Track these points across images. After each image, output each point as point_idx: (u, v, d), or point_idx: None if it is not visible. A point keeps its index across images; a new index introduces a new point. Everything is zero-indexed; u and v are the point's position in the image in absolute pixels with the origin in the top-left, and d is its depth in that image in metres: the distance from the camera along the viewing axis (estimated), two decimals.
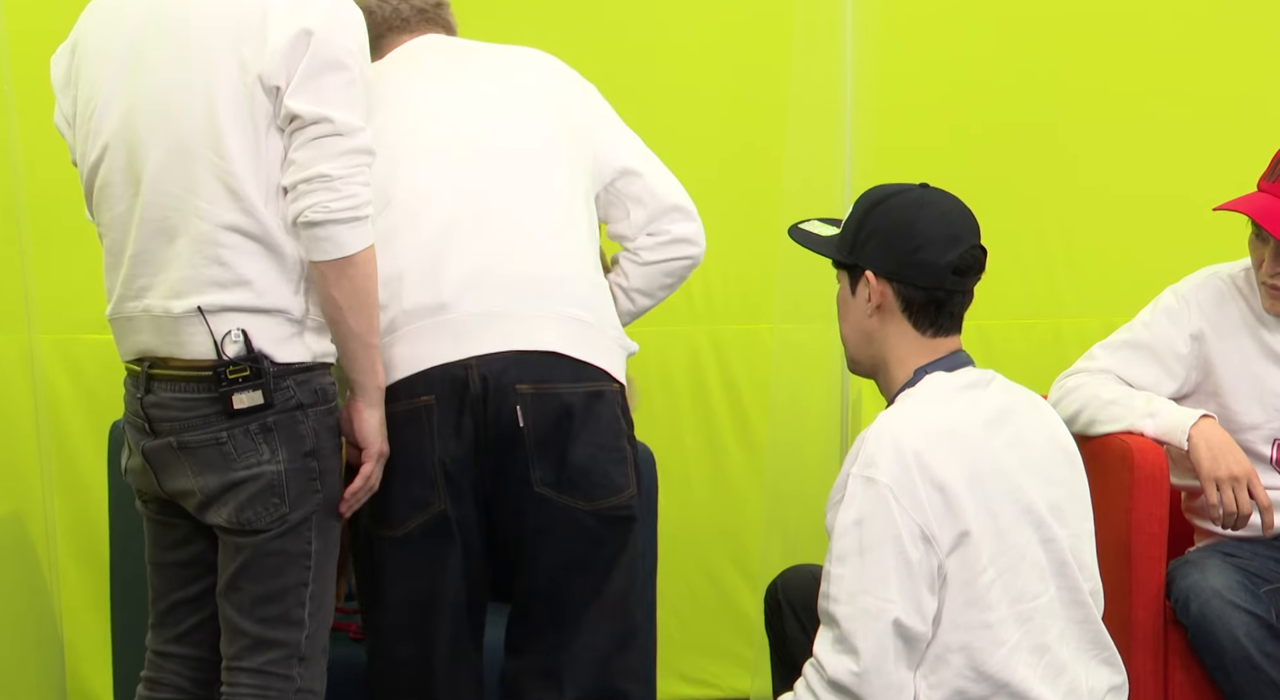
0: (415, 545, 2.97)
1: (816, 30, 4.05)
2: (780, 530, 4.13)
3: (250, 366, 2.76)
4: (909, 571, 2.68)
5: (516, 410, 2.96)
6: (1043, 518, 2.79)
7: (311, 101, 2.74)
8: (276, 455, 2.79)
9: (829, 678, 2.69)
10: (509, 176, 3.09)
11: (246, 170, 2.75)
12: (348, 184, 2.74)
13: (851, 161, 4.06)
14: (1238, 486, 3.40)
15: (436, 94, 3.17)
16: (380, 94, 3.05)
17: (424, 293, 2.97)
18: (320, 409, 2.83)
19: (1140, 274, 4.16)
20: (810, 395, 4.18)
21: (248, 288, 2.77)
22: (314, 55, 2.74)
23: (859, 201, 2.91)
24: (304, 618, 2.85)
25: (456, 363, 2.95)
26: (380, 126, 2.97)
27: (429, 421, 2.94)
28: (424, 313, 2.96)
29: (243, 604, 2.84)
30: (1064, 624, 2.82)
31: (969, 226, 2.85)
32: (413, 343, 2.96)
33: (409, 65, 3.24)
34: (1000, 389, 2.87)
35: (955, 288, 2.82)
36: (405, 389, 2.95)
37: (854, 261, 2.87)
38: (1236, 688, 3.36)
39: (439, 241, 3.00)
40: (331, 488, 2.86)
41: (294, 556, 2.83)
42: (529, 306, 3.00)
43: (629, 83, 4.29)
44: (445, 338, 2.96)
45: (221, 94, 2.75)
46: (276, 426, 2.79)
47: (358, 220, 2.74)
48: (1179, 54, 4.55)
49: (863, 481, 2.72)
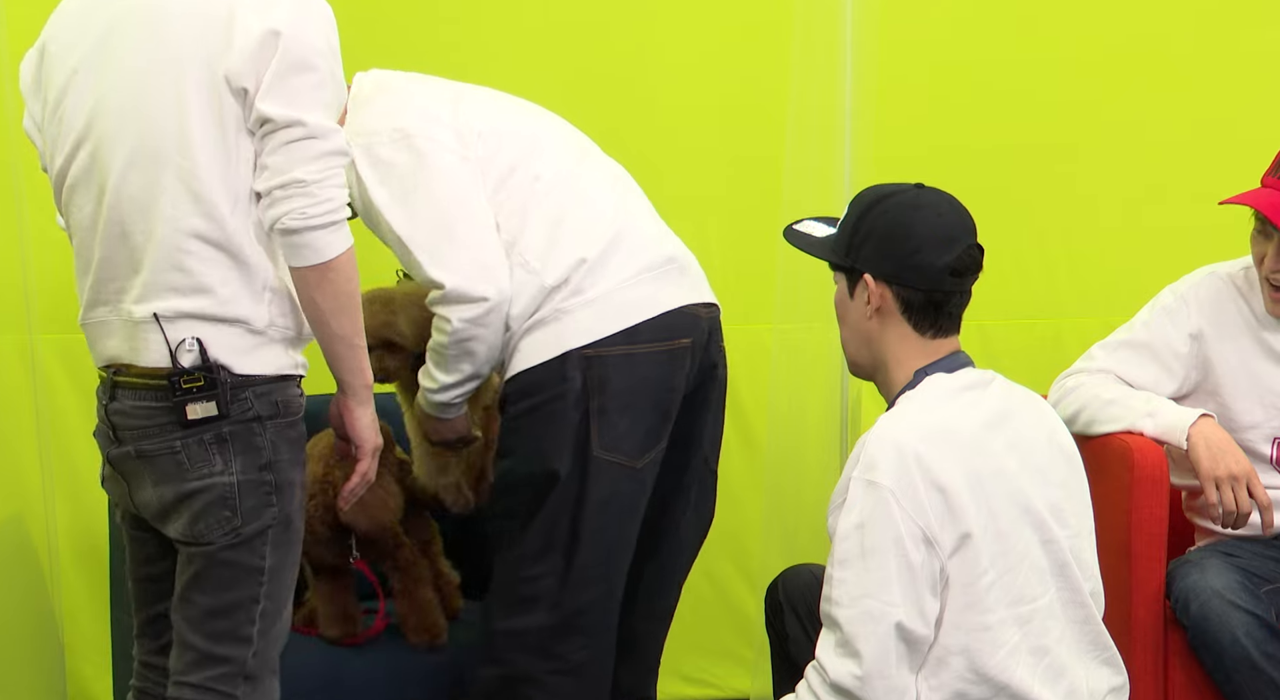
0: (645, 479, 3.14)
1: (816, 39, 4.05)
2: (780, 530, 4.13)
3: (205, 377, 2.71)
4: (911, 574, 2.67)
5: (717, 367, 3.29)
6: (1043, 519, 2.79)
7: (283, 104, 2.68)
8: (230, 466, 2.74)
9: (831, 681, 2.69)
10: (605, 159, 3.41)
11: (214, 175, 2.70)
12: (323, 188, 2.69)
13: (851, 162, 4.06)
14: (1237, 486, 3.40)
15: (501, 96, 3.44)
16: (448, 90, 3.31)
17: (650, 248, 3.22)
18: (280, 422, 2.78)
19: (1140, 274, 4.15)
20: (810, 396, 4.18)
21: (208, 295, 2.72)
22: (283, 56, 2.69)
23: (854, 202, 2.90)
24: (252, 635, 2.78)
25: (699, 309, 3.22)
26: (478, 114, 3.25)
27: (683, 361, 3.17)
28: (658, 263, 3.21)
29: (191, 616, 2.79)
30: (1064, 625, 2.82)
31: (965, 226, 2.84)
32: (656, 286, 3.18)
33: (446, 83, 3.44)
34: (1000, 390, 2.87)
35: (953, 288, 2.82)
36: (659, 328, 3.15)
37: (851, 264, 2.86)
38: (1236, 688, 3.36)
39: (624, 206, 3.26)
40: (289, 502, 2.80)
41: (246, 570, 2.77)
42: (699, 268, 3.34)
43: (631, 91, 4.31)
44: (683, 283, 3.22)
45: (189, 96, 2.70)
46: (232, 437, 2.74)
47: (335, 224, 2.70)
48: (1178, 55, 4.55)
49: (864, 485, 2.71)
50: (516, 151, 3.21)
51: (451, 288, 3.09)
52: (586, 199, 3.21)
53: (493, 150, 3.20)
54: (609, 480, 3.13)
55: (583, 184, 3.23)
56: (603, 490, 3.13)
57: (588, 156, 3.33)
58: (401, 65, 3.76)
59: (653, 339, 3.15)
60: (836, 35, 4.03)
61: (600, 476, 3.12)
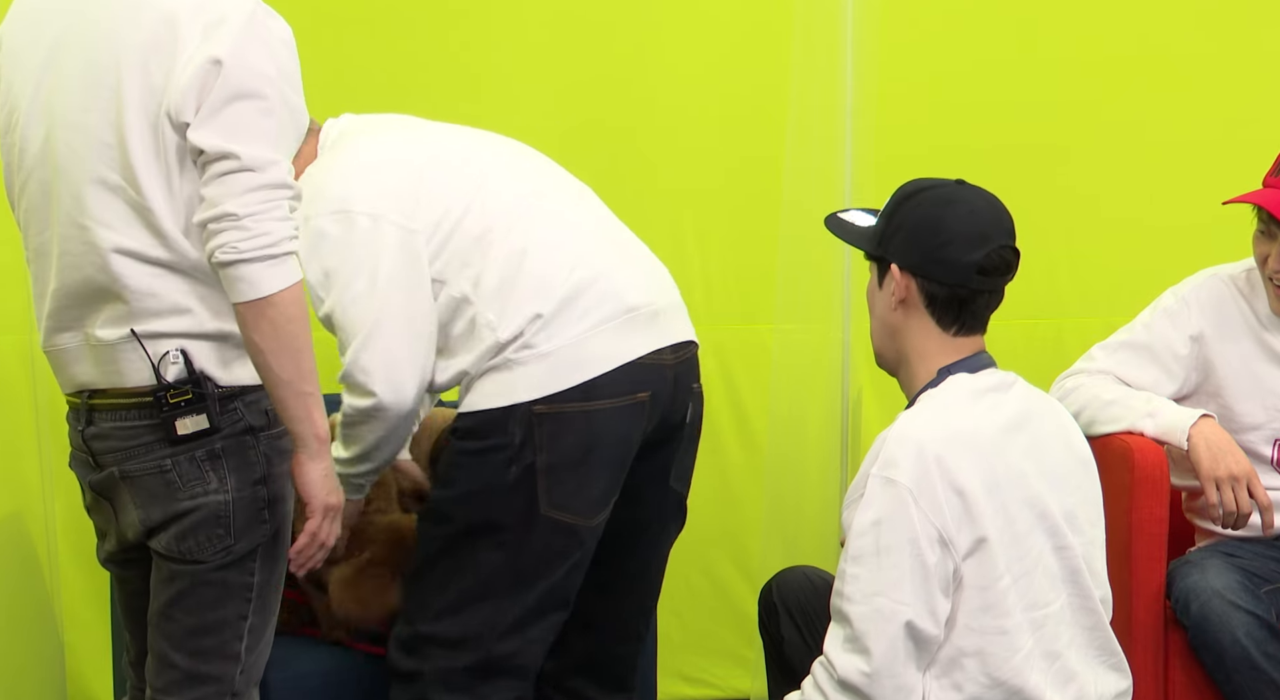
0: (597, 533, 3.05)
1: (816, 39, 4.05)
2: (780, 531, 4.13)
3: (192, 389, 2.61)
4: (924, 574, 2.67)
5: (688, 409, 3.17)
6: (1057, 525, 2.78)
7: (216, 135, 2.55)
8: (225, 483, 2.64)
9: (839, 677, 2.68)
10: (584, 192, 3.26)
11: (162, 206, 2.60)
12: (259, 221, 2.54)
13: (852, 162, 4.06)
14: (1237, 486, 3.40)
15: (476, 135, 3.28)
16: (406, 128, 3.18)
17: (611, 299, 3.04)
18: (272, 432, 2.68)
19: (1141, 275, 4.15)
20: (810, 396, 4.18)
21: (186, 315, 2.63)
22: (223, 85, 2.56)
23: (894, 194, 2.89)
24: (240, 652, 2.69)
25: (658, 357, 3.08)
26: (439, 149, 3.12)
27: (641, 414, 3.05)
28: (618, 313, 3.05)
29: (175, 634, 2.68)
30: (1074, 631, 2.82)
31: (1001, 225, 2.83)
32: (616, 337, 3.04)
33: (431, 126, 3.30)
34: (1021, 393, 2.86)
35: (980, 287, 2.81)
36: (617, 382, 3.02)
37: (881, 254, 2.85)
38: (1237, 688, 3.36)
39: (588, 249, 3.09)
40: (281, 517, 2.71)
41: (234, 588, 2.67)
42: (678, 299, 3.21)
43: (632, 92, 4.31)
44: (651, 329, 3.08)
45: (131, 125, 2.59)
46: (225, 452, 2.64)
47: (274, 258, 2.55)
48: (1179, 55, 4.54)
49: (882, 482, 2.70)
50: (464, 202, 3.04)
51: (346, 372, 2.96)
52: (544, 247, 3.04)
53: (439, 209, 3.03)
54: (557, 536, 3.01)
55: (539, 230, 3.06)
56: (548, 546, 3.01)
57: (544, 196, 3.14)
58: (404, 68, 3.79)
59: (611, 394, 3.01)
60: (837, 36, 4.03)
61: (546, 533, 3.00)
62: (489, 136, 3.28)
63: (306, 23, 4.00)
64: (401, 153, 3.10)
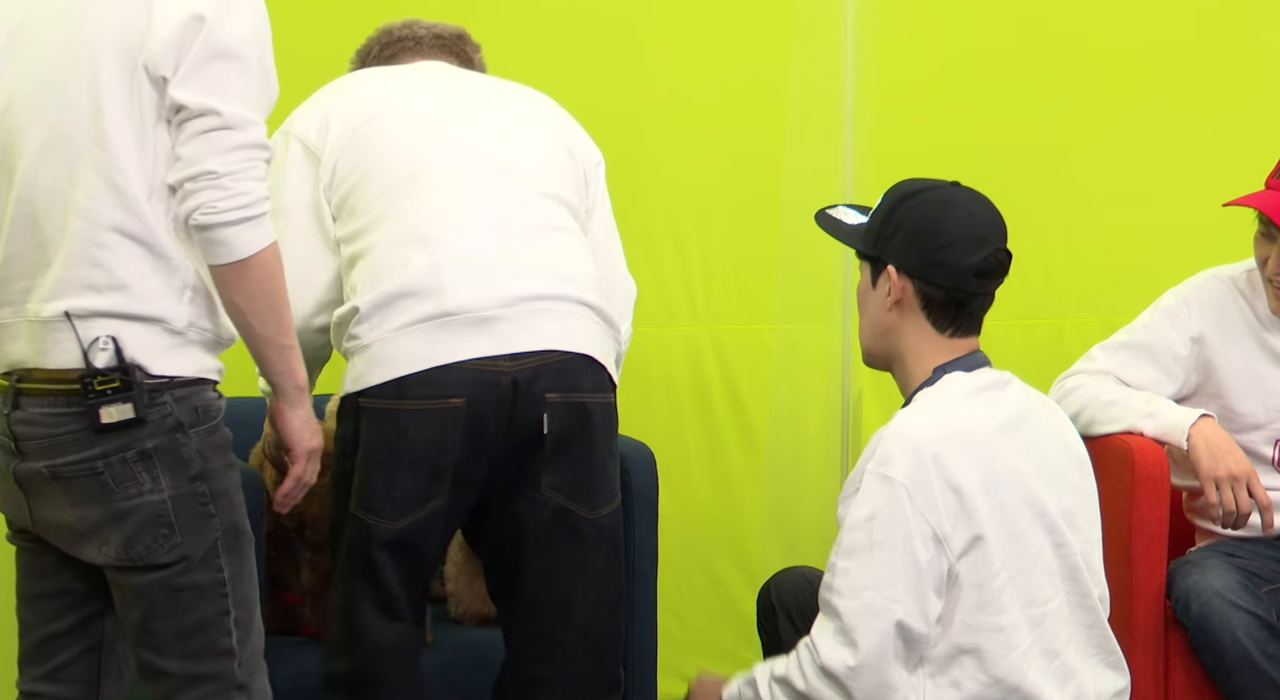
0: (412, 538, 2.96)
1: (817, 38, 4.05)
2: (780, 530, 4.14)
3: (120, 377, 2.54)
4: (917, 572, 2.67)
5: (543, 418, 2.99)
6: (1055, 523, 2.79)
7: (199, 92, 2.53)
8: (159, 483, 2.57)
9: (821, 663, 2.68)
10: (524, 189, 3.12)
11: (130, 165, 2.56)
12: (238, 181, 2.54)
13: (853, 162, 4.06)
14: (1237, 486, 3.40)
15: (442, 110, 3.18)
16: (375, 103, 3.11)
17: (434, 299, 2.96)
18: (203, 428, 2.61)
19: (1141, 275, 4.15)
20: (810, 396, 4.18)
21: (124, 292, 2.56)
22: (205, 42, 2.54)
23: (888, 193, 2.88)
24: (232, 646, 2.64)
25: (490, 363, 2.95)
26: (378, 131, 3.04)
27: (455, 423, 2.94)
28: (436, 314, 2.96)
29: (160, 645, 2.62)
30: (1073, 628, 2.82)
31: (996, 228, 2.83)
32: (431, 338, 2.95)
33: (406, 79, 3.25)
34: (1017, 392, 2.86)
35: (977, 290, 2.81)
36: (426, 384, 2.93)
37: (877, 254, 2.85)
38: (1237, 688, 3.36)
39: (469, 243, 3.01)
40: (229, 509, 2.65)
41: (207, 588, 2.62)
42: (562, 303, 3.03)
43: (632, 90, 4.31)
44: (481, 335, 2.96)
45: (106, 81, 2.55)
46: (156, 452, 2.57)
47: (251, 219, 2.55)
48: (1179, 55, 4.54)
49: (878, 478, 2.71)
50: (368, 164, 3.06)
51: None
52: (396, 237, 3.01)
53: (346, 170, 3.06)
54: (359, 535, 2.97)
55: (405, 216, 3.02)
56: (352, 544, 2.98)
57: (444, 173, 3.08)
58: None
59: (419, 396, 2.94)
60: (837, 35, 4.03)
61: (353, 531, 2.98)
62: (457, 90, 3.24)
63: (309, 10, 4.05)
64: (359, 91, 3.17)
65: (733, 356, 4.43)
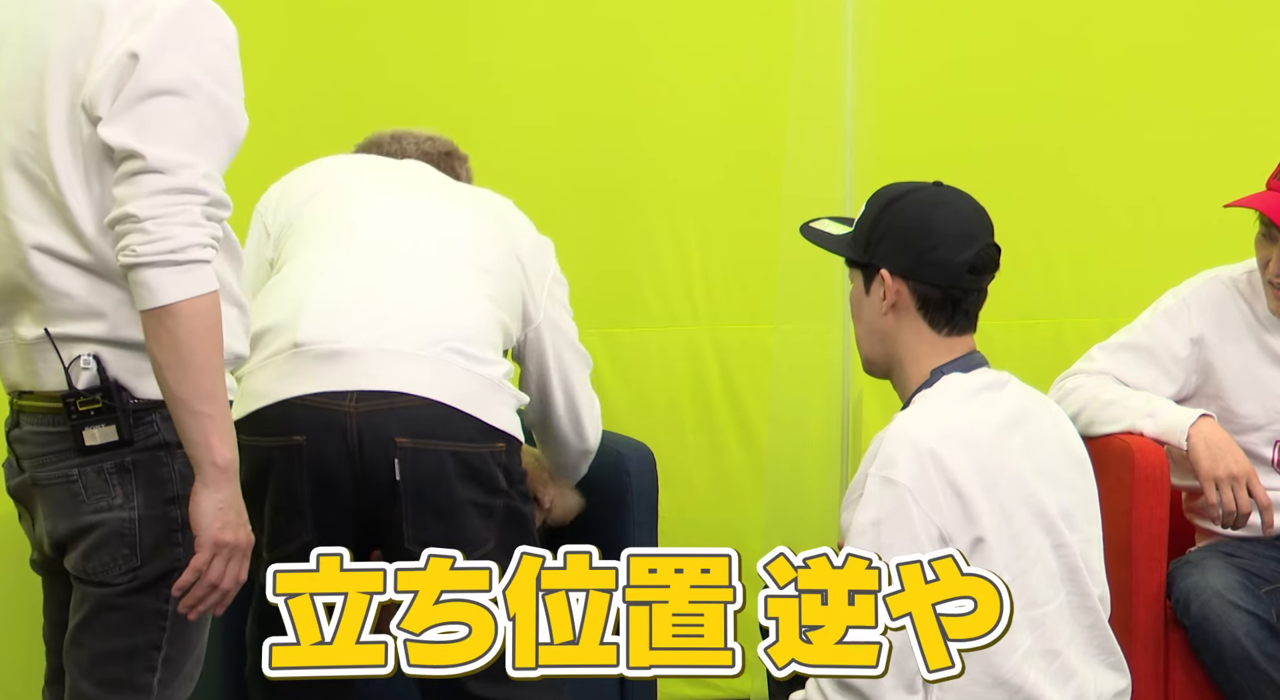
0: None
1: (817, 37, 4.05)
2: (780, 530, 4.13)
3: (102, 399, 2.45)
4: None
5: (394, 464, 2.92)
6: (1054, 523, 2.79)
7: (126, 132, 2.41)
8: (131, 500, 2.48)
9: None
10: (441, 253, 3.12)
11: (79, 203, 2.46)
12: (161, 225, 2.38)
13: (853, 162, 4.06)
14: (1237, 485, 3.40)
15: (386, 185, 3.23)
16: (320, 179, 3.18)
17: (287, 333, 2.94)
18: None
19: (1142, 275, 4.15)
20: (811, 396, 4.17)
21: (101, 319, 2.48)
22: (138, 81, 2.41)
23: (872, 199, 2.89)
24: (151, 684, 2.51)
25: (336, 402, 2.90)
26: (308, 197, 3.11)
27: (299, 462, 2.91)
28: (285, 348, 2.94)
29: (83, 661, 2.52)
30: (1073, 629, 2.82)
31: (984, 225, 2.84)
32: (278, 374, 2.92)
33: (369, 162, 3.30)
34: (1015, 392, 2.86)
35: (971, 286, 2.82)
36: (271, 421, 2.90)
37: (868, 260, 2.85)
38: (1237, 688, 3.36)
39: (342, 282, 3.01)
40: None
41: (145, 614, 2.49)
42: (430, 349, 2.97)
43: (632, 89, 4.30)
44: (328, 371, 2.92)
45: (52, 116, 2.46)
46: (135, 467, 2.48)
47: (176, 266, 2.39)
48: (1180, 55, 4.54)
49: (881, 482, 2.70)
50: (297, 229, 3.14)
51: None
52: (278, 286, 3.04)
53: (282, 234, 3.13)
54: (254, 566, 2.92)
55: (294, 269, 3.06)
56: (252, 577, 2.88)
57: (323, 238, 3.10)
58: (405, 61, 3.78)
59: (269, 432, 2.91)
60: (838, 34, 4.02)
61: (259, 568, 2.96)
62: (413, 177, 3.28)
63: (309, 12, 4.05)
64: (317, 170, 3.25)
65: (733, 356, 4.43)
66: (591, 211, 4.31)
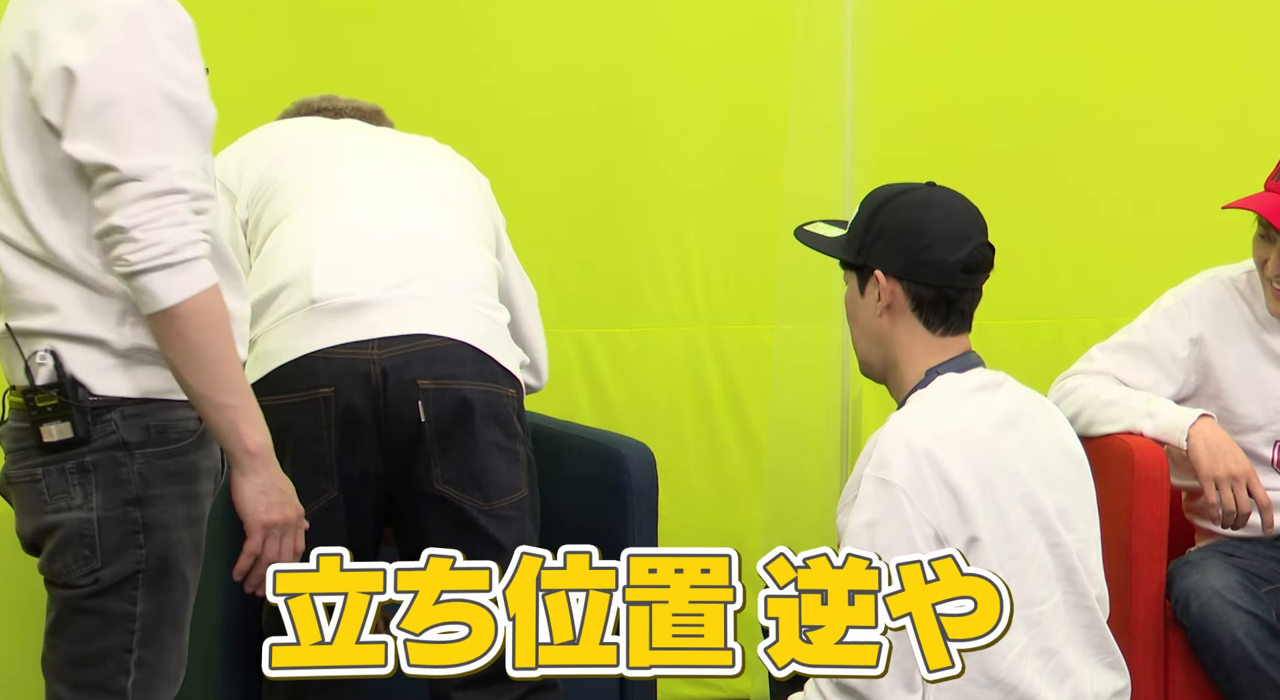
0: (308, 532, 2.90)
1: (817, 37, 4.05)
2: (780, 530, 4.13)
3: (58, 395, 2.42)
4: None
5: (418, 406, 2.94)
6: (1051, 522, 2.79)
7: (94, 147, 2.39)
8: (90, 500, 2.44)
9: (839, 678, 2.68)
10: (424, 199, 3.15)
11: (27, 198, 2.43)
12: (149, 231, 2.37)
13: (853, 162, 4.06)
14: (1237, 485, 3.40)
15: (349, 140, 3.26)
16: (281, 142, 3.20)
17: (302, 290, 2.96)
18: (152, 451, 2.47)
19: (1142, 275, 4.15)
20: (811, 396, 4.18)
21: (54, 313, 2.45)
22: (82, 97, 2.38)
23: (865, 201, 2.90)
24: (125, 687, 2.47)
25: (358, 351, 2.92)
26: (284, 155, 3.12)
27: (327, 414, 2.93)
28: (302, 305, 2.96)
29: (56, 665, 2.51)
30: (1070, 628, 2.82)
31: (977, 224, 2.84)
32: (294, 330, 2.94)
33: (319, 122, 3.33)
34: (1011, 392, 2.86)
35: (965, 285, 2.82)
36: (294, 376, 2.92)
37: (863, 262, 2.85)
38: (1237, 688, 3.36)
39: (349, 236, 3.03)
40: (164, 544, 2.48)
41: (114, 618, 2.47)
42: (441, 291, 3.00)
43: (632, 89, 4.31)
44: (341, 323, 2.94)
45: (5, 112, 2.45)
46: (95, 467, 2.45)
47: (172, 266, 2.39)
48: (1180, 55, 4.55)
49: (876, 483, 2.70)
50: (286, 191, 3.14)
51: None
52: (288, 237, 3.05)
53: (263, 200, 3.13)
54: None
55: (291, 229, 3.06)
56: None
57: (338, 190, 3.13)
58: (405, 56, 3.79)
59: (291, 389, 2.93)
60: (837, 34, 4.03)
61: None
62: (371, 133, 3.32)
63: (309, 12, 4.06)
64: (270, 133, 3.25)
65: (733, 356, 4.43)
66: (591, 211, 4.31)
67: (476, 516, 2.98)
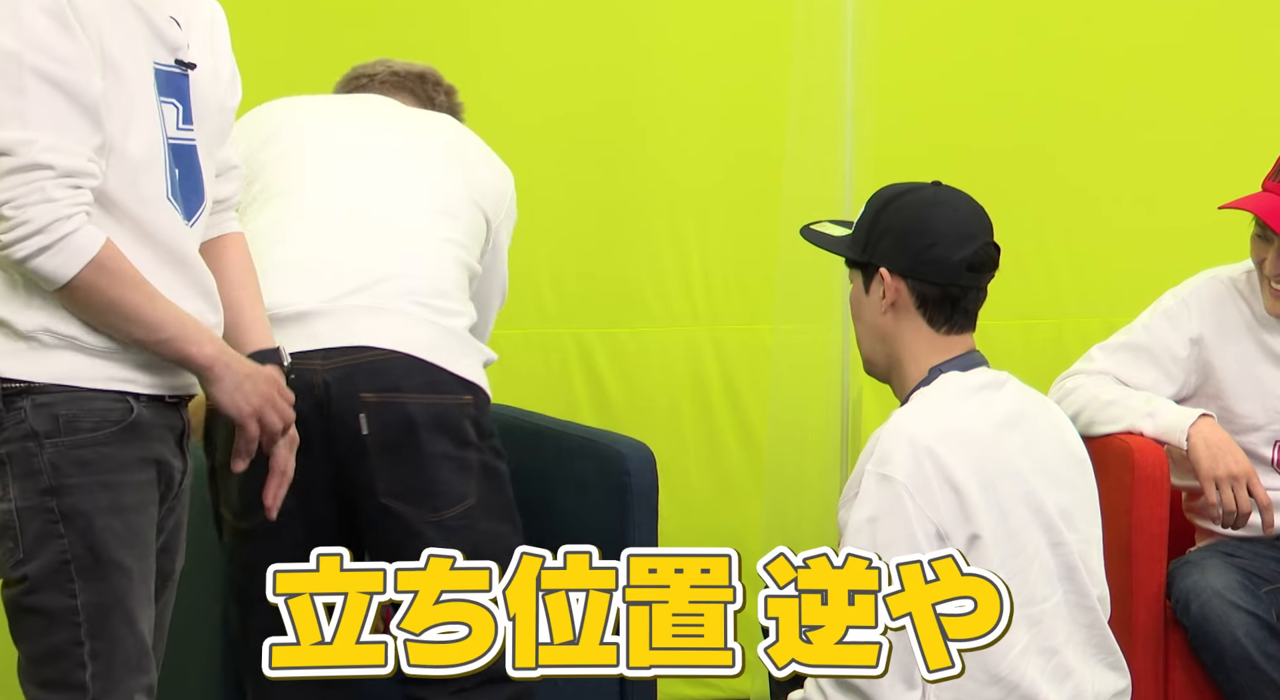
0: (253, 540, 2.93)
1: (817, 37, 4.05)
2: (780, 530, 4.13)
3: None
4: None
5: (360, 418, 2.94)
6: (1053, 521, 2.79)
7: None
8: (8, 491, 2.42)
9: (840, 675, 2.68)
10: (397, 198, 3.12)
11: None
12: (17, 208, 2.34)
13: (853, 162, 4.06)
14: (1237, 485, 3.41)
15: (337, 127, 3.23)
16: (269, 126, 3.16)
17: (282, 292, 2.94)
18: (64, 441, 2.42)
19: (1142, 274, 4.15)
20: (810, 395, 4.18)
21: None
22: None
23: (871, 200, 2.90)
24: (84, 681, 2.44)
25: (303, 361, 2.88)
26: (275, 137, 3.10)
27: None
28: (276, 307, 2.92)
29: (22, 667, 2.48)
30: (1071, 628, 2.82)
31: (982, 224, 2.85)
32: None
33: (327, 102, 3.31)
34: (1014, 391, 2.87)
35: (970, 284, 2.82)
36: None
37: (868, 260, 2.86)
38: (1237, 688, 3.36)
39: (304, 243, 3.01)
40: (87, 532, 2.44)
41: (57, 613, 2.43)
42: (393, 302, 2.99)
43: (632, 89, 4.31)
44: (291, 329, 2.91)
45: None
46: (10, 458, 2.42)
47: (49, 248, 2.36)
48: (1180, 55, 4.55)
49: (877, 479, 2.71)
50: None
51: None
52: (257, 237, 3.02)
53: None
54: (230, 537, 3.01)
55: (256, 221, 3.04)
56: (227, 546, 3.02)
57: (285, 195, 3.10)
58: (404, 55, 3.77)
59: None
60: (837, 34, 4.03)
61: (223, 530, 3.02)
62: (367, 114, 3.28)
63: (309, 11, 4.06)
64: (264, 114, 3.22)
65: (733, 356, 4.44)
66: (591, 211, 4.31)
67: (424, 529, 2.96)
